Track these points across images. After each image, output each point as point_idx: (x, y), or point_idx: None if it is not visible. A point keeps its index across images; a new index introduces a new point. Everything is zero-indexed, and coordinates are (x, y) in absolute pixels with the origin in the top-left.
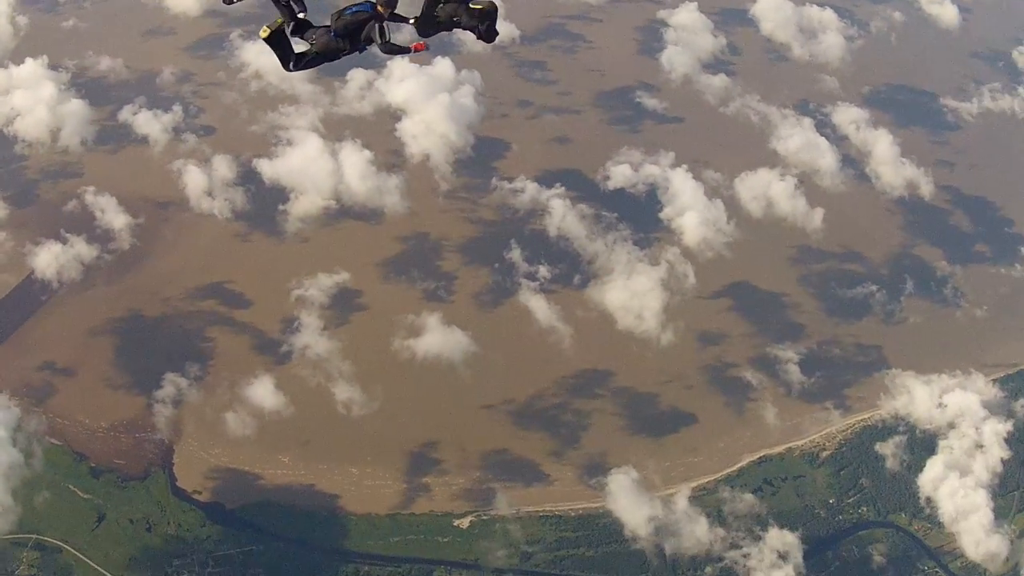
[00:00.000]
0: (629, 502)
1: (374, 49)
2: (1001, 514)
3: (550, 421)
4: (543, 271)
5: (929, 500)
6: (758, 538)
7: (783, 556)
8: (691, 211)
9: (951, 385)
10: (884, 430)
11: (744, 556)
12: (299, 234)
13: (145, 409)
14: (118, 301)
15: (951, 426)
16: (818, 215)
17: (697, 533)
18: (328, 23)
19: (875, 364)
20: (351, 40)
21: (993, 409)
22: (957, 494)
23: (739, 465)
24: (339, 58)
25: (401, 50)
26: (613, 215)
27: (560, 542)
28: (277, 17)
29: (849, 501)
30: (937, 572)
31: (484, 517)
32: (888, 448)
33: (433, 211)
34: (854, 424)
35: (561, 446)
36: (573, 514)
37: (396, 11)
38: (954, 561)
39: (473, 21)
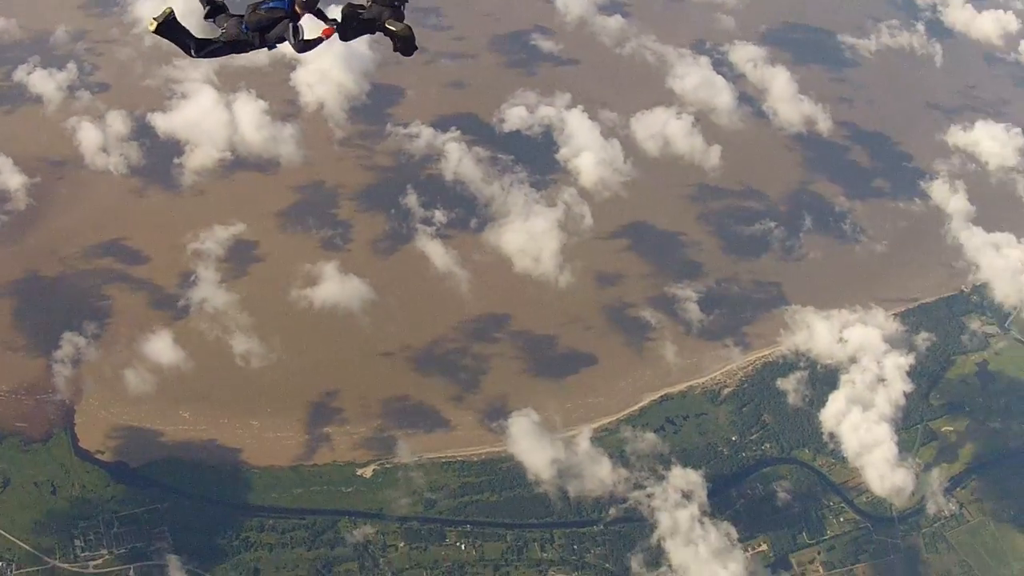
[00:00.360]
0: (531, 445)
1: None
2: (905, 448)
3: (450, 366)
4: (439, 216)
5: (832, 435)
6: (662, 478)
7: (687, 495)
8: (587, 151)
9: (851, 320)
10: (785, 366)
11: (648, 496)
12: (195, 187)
13: (45, 370)
14: (14, 262)
15: (852, 361)
16: (715, 153)
17: (600, 474)
18: (243, 13)
19: (774, 301)
20: (261, 35)
21: (894, 343)
22: (860, 428)
23: (640, 405)
24: (247, 51)
25: (315, 44)
26: (509, 158)
27: (464, 488)
28: (165, 6)
29: (752, 438)
30: (842, 507)
31: (387, 465)
32: (789, 384)
33: (329, 159)
34: (755, 361)
35: (461, 391)
36: (476, 459)
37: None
38: (859, 496)
39: (390, 36)
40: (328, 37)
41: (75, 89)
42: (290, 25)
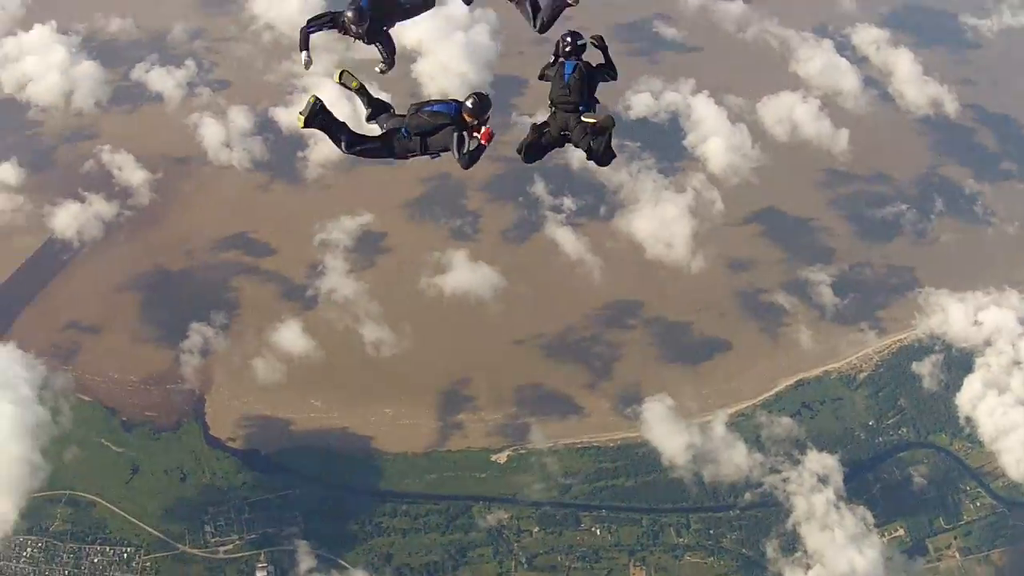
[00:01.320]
0: (665, 430)
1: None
2: None
3: (582, 353)
4: (568, 203)
5: (968, 419)
6: (797, 462)
7: (823, 479)
8: (715, 137)
9: (986, 303)
10: (920, 350)
11: (784, 480)
12: (320, 180)
13: (173, 361)
14: (141, 257)
15: (987, 343)
16: (843, 137)
17: (735, 459)
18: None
19: (908, 284)
20: (423, 141)
21: None
22: (996, 412)
23: (776, 390)
24: (406, 157)
25: (479, 154)
26: (636, 144)
27: (598, 473)
28: (310, 95)
29: (888, 423)
30: (979, 492)
31: (521, 451)
32: (925, 368)
33: None
34: (890, 345)
35: (594, 378)
36: (611, 445)
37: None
38: (996, 481)
39: (586, 138)
40: (487, 143)
41: (195, 86)
42: (455, 134)
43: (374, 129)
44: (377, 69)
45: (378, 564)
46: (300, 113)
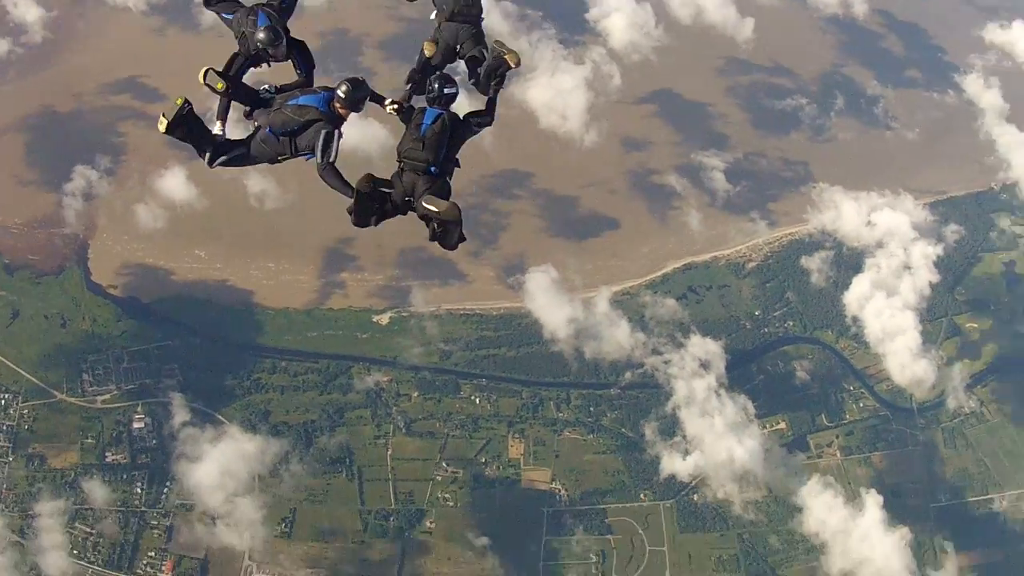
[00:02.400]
0: (548, 302)
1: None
2: (928, 339)
3: (469, 221)
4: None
5: (855, 319)
6: (680, 345)
7: (705, 365)
8: (618, 13)
9: (880, 204)
10: (811, 245)
11: (665, 363)
12: (215, 28)
13: (57, 205)
14: (28, 97)
15: (879, 245)
16: (748, 26)
17: (618, 337)
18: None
19: (802, 178)
20: (292, 141)
21: (923, 232)
22: (884, 314)
23: (662, 272)
24: (278, 161)
25: (340, 185)
26: (538, 14)
27: (480, 341)
28: (177, 96)
29: (775, 315)
30: (862, 393)
31: (403, 314)
32: (814, 263)
33: (354, 5)
34: (780, 237)
35: (479, 246)
36: (494, 313)
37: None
38: (880, 384)
39: (431, 223)
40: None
41: None
42: (322, 132)
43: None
44: (389, 110)
45: (255, 421)
46: (163, 115)
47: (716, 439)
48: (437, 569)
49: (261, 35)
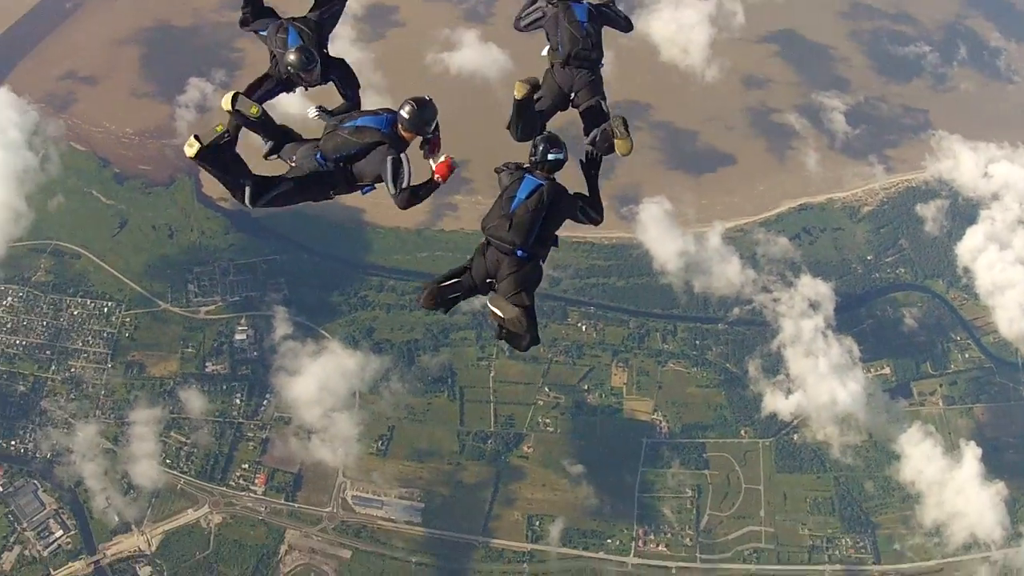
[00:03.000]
0: (660, 234)
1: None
2: None
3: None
4: None
5: (966, 270)
6: (790, 284)
7: (814, 305)
8: None
9: (998, 156)
10: (927, 192)
11: (774, 301)
12: None
13: (171, 117)
14: (146, 11)
15: (995, 197)
16: None
17: (728, 273)
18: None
19: (921, 126)
20: (346, 170)
21: None
22: (995, 267)
23: (777, 210)
24: (328, 197)
25: (425, 191)
26: None
27: (590, 270)
28: (218, 123)
29: (887, 260)
30: (969, 344)
31: None
32: (929, 211)
33: None
34: (897, 183)
35: None
36: (605, 243)
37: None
38: (987, 336)
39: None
40: (444, 178)
41: None
42: (388, 159)
43: (278, 167)
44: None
45: (358, 337)
46: (196, 139)
47: (819, 380)
48: (531, 495)
49: (291, 57)
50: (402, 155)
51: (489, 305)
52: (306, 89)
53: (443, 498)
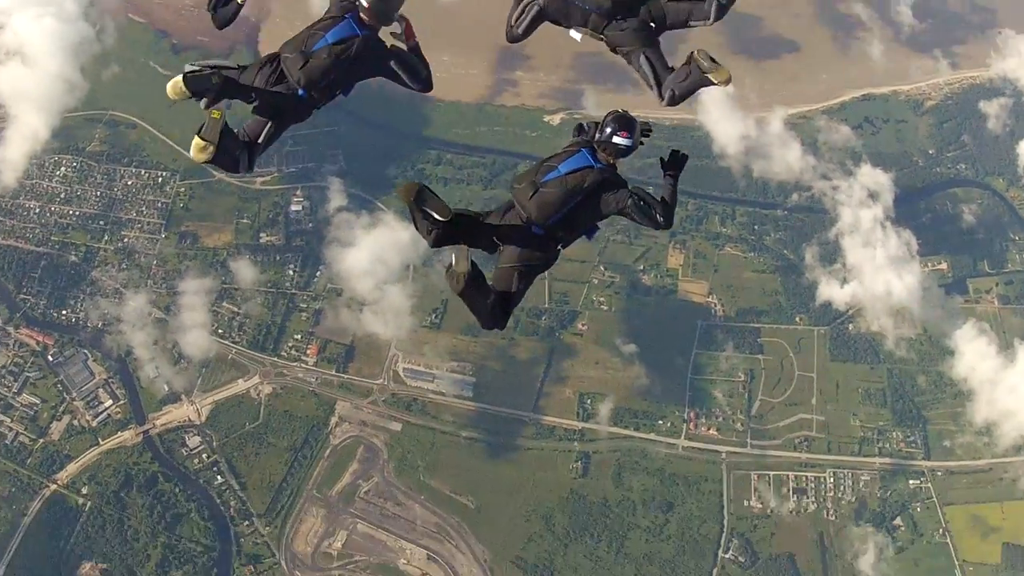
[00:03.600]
0: (721, 116)
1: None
2: None
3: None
4: None
5: None
6: (850, 173)
7: (873, 195)
8: None
9: None
10: (991, 90)
11: (833, 188)
12: None
13: None
14: None
15: None
16: None
17: (788, 158)
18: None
19: (989, 23)
20: (330, 91)
21: None
22: None
23: (840, 99)
24: (304, 118)
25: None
26: None
27: (649, 150)
28: (213, 110)
29: (948, 155)
30: None
31: (576, 116)
32: (993, 108)
33: None
34: (961, 79)
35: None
36: (666, 123)
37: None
38: None
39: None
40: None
41: None
42: (393, 61)
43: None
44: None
45: None
46: (202, 137)
47: (876, 271)
48: (583, 372)
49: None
50: (398, 50)
51: (451, 250)
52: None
53: (495, 373)
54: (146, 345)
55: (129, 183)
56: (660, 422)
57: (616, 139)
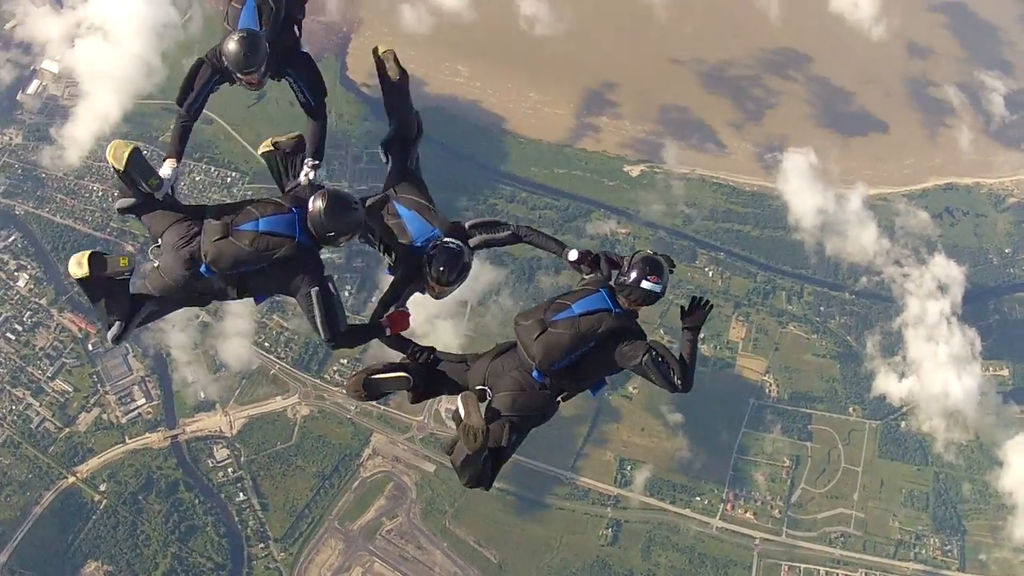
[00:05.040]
0: (801, 186)
1: None
2: None
3: (737, 91)
4: None
5: None
6: (923, 262)
7: (943, 288)
8: None
9: None
10: None
11: (904, 276)
12: None
13: None
14: None
15: None
16: None
17: (863, 239)
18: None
19: None
20: (239, 284)
21: None
22: None
23: (923, 185)
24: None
25: (366, 337)
26: None
27: (726, 214)
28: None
29: None
30: None
31: (656, 170)
32: None
33: None
34: None
35: (743, 118)
36: (746, 189)
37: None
38: None
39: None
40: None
41: None
42: (313, 291)
43: None
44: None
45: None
46: (89, 259)
47: (935, 368)
48: (626, 437)
49: (231, 47)
50: (329, 283)
51: (459, 399)
52: (252, 86)
53: (536, 427)
54: (186, 348)
55: (197, 179)
56: (697, 498)
57: (645, 284)
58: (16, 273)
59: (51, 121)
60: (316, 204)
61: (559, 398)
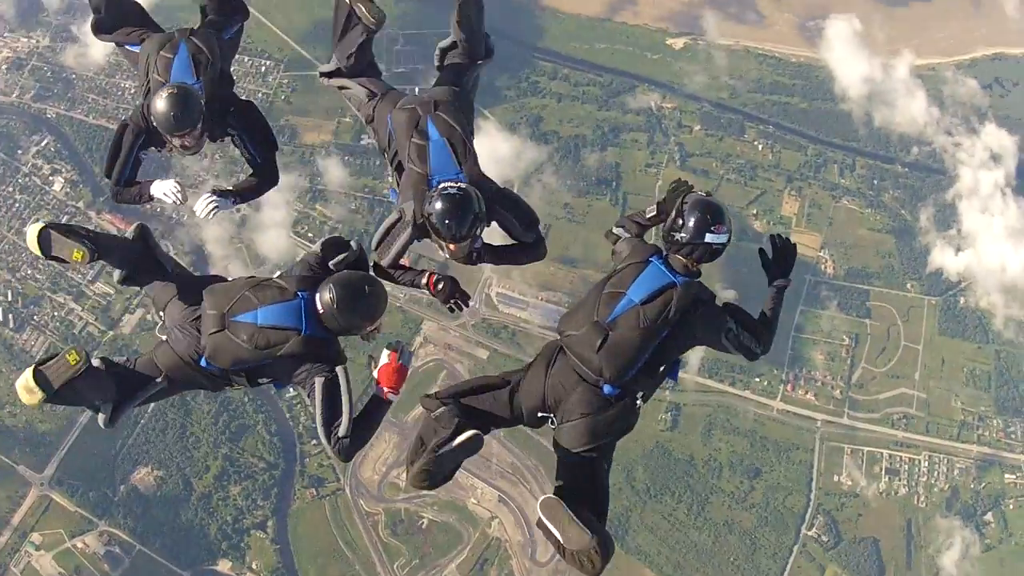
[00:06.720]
0: (846, 55)
1: None
2: None
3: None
4: None
5: None
6: (974, 131)
7: (995, 158)
8: None
9: None
10: None
11: (955, 146)
12: None
13: None
14: None
15: None
16: None
17: (912, 109)
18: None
19: None
20: (245, 377)
21: None
22: None
23: (971, 55)
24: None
25: (375, 422)
26: None
27: (773, 86)
28: (71, 348)
29: None
30: None
31: (699, 42)
32: None
33: None
34: None
35: None
36: (792, 60)
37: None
38: None
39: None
40: (396, 389)
41: None
42: (318, 383)
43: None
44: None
45: (521, 125)
46: (35, 377)
47: (992, 241)
48: None
49: (160, 106)
50: (338, 374)
51: (540, 512)
52: (187, 149)
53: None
54: (222, 241)
55: (231, 70)
56: (756, 379)
57: (709, 237)
58: (51, 178)
59: (74, 19)
60: (324, 298)
61: (639, 402)
